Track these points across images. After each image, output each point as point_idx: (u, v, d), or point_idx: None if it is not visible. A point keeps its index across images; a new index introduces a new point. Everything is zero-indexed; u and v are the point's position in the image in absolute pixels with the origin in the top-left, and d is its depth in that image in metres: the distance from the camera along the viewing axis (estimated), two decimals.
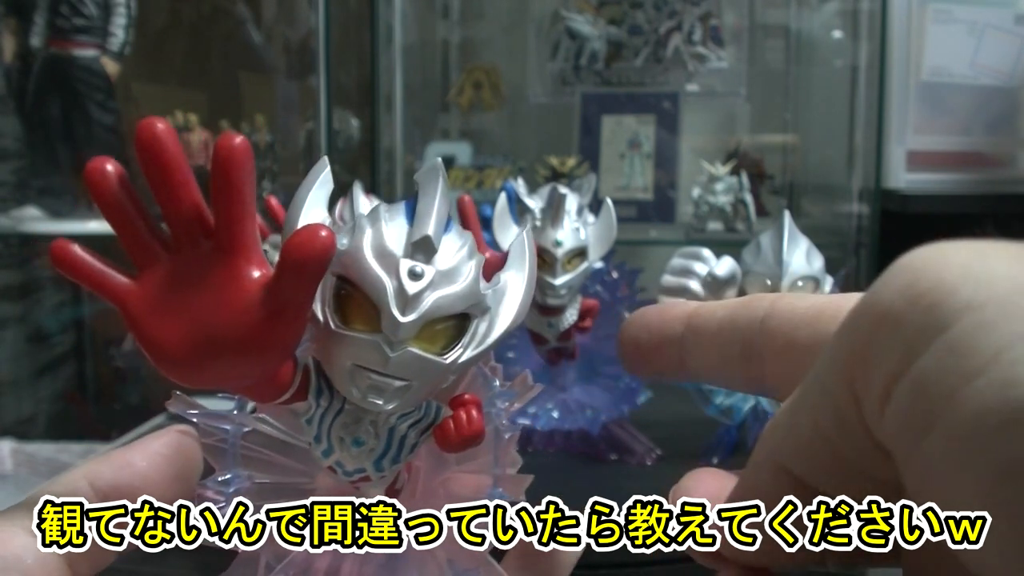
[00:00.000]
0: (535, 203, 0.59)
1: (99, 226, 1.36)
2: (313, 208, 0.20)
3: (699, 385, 0.61)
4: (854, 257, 1.29)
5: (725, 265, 0.56)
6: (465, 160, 1.50)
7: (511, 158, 1.49)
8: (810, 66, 1.52)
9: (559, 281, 0.57)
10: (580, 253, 0.58)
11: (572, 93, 1.47)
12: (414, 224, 0.19)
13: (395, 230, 0.19)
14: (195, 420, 0.22)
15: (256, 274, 0.18)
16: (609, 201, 0.60)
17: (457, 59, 1.62)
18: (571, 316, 0.61)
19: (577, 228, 0.58)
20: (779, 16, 1.52)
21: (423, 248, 0.19)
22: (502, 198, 0.60)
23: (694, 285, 0.56)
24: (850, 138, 1.32)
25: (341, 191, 0.78)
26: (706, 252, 0.57)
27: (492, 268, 0.61)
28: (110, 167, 0.18)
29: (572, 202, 0.59)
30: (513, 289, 0.21)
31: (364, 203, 0.66)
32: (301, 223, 0.19)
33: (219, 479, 0.22)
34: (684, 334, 0.23)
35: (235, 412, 0.22)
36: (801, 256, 0.56)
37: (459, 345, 0.20)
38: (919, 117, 1.25)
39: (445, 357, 0.20)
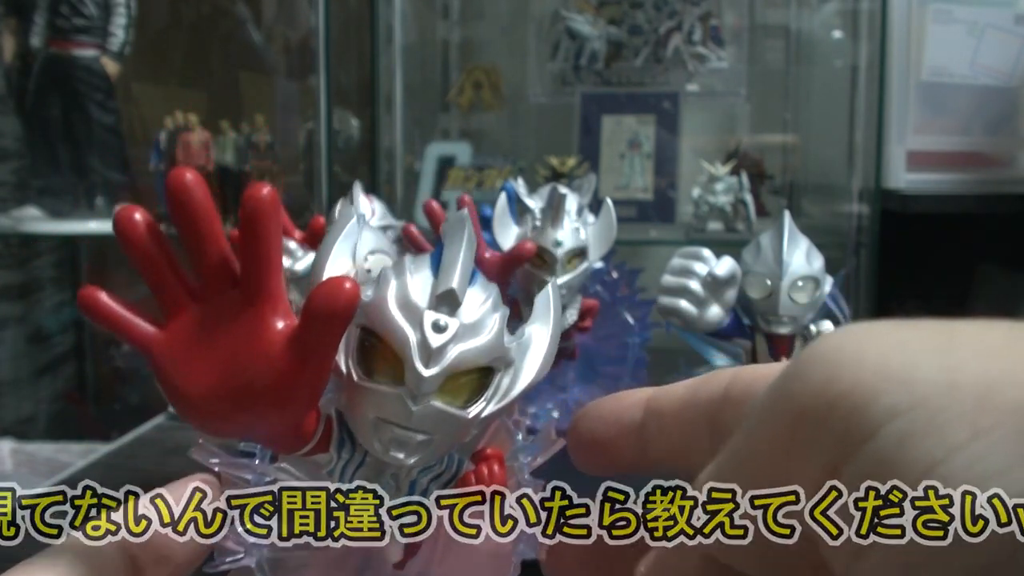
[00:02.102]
0: (535, 203, 0.59)
1: (99, 226, 1.36)
2: (339, 258, 0.21)
3: None
4: (854, 257, 1.29)
5: (725, 265, 0.56)
6: (465, 160, 1.50)
7: (511, 158, 1.49)
8: (810, 66, 1.52)
9: (559, 281, 0.57)
10: (580, 253, 0.58)
11: (572, 93, 1.47)
12: (439, 276, 0.19)
13: (420, 282, 0.19)
14: (217, 469, 0.21)
15: (281, 324, 0.18)
16: (609, 201, 0.60)
17: (457, 59, 1.62)
18: (571, 316, 0.61)
19: (577, 228, 0.58)
20: (779, 16, 1.52)
21: (448, 301, 0.19)
22: (502, 198, 0.59)
23: (694, 285, 0.56)
24: (850, 138, 1.32)
25: (341, 191, 0.77)
26: (706, 252, 0.57)
27: (493, 268, 0.60)
28: (138, 215, 0.18)
29: (572, 202, 0.59)
30: (538, 342, 0.21)
31: (364, 203, 0.66)
32: (326, 273, 0.20)
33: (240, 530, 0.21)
34: (644, 419, 0.22)
35: (256, 461, 0.22)
36: (801, 256, 0.56)
37: (482, 399, 0.20)
38: (919, 117, 1.25)
39: (468, 411, 0.20)
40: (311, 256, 0.58)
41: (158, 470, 0.85)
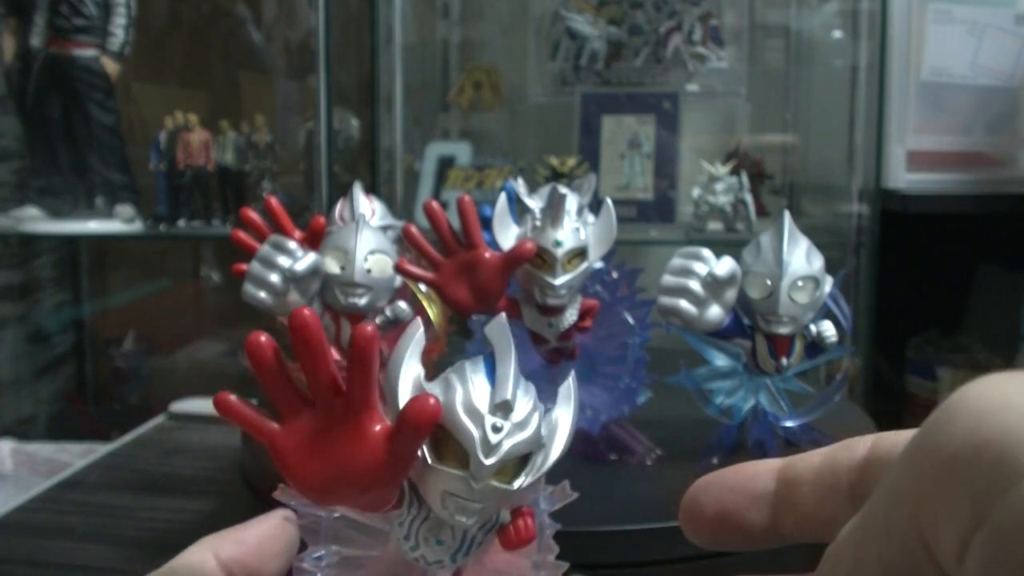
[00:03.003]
0: (535, 203, 0.59)
1: (99, 226, 1.36)
2: (411, 365, 0.26)
3: (699, 385, 0.61)
4: (854, 257, 1.29)
5: (725, 265, 0.56)
6: (465, 160, 1.50)
7: (511, 158, 1.49)
8: (810, 66, 1.52)
9: (559, 281, 0.57)
10: (580, 253, 0.58)
11: (572, 93, 1.47)
12: (495, 387, 0.25)
13: (480, 390, 0.25)
14: (295, 507, 0.27)
15: (378, 428, 0.24)
16: (609, 201, 0.60)
17: (457, 59, 1.63)
18: (571, 316, 0.61)
19: (577, 228, 0.58)
20: (779, 16, 1.52)
21: (503, 408, 0.25)
22: (502, 198, 0.59)
23: (694, 285, 0.56)
24: (850, 138, 1.32)
25: (341, 191, 0.77)
26: (706, 252, 0.57)
27: (493, 268, 0.60)
28: (263, 339, 0.24)
29: (572, 202, 0.59)
30: (563, 425, 0.28)
31: (364, 203, 0.65)
32: (402, 376, 0.26)
33: (313, 555, 0.27)
34: (778, 488, 0.22)
35: None
36: (801, 256, 0.56)
37: (523, 474, 0.26)
38: (919, 117, 1.25)
39: (513, 485, 0.26)
40: (310, 256, 0.58)
41: (158, 470, 0.85)
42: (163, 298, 1.75)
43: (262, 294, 0.56)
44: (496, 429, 0.25)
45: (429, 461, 0.25)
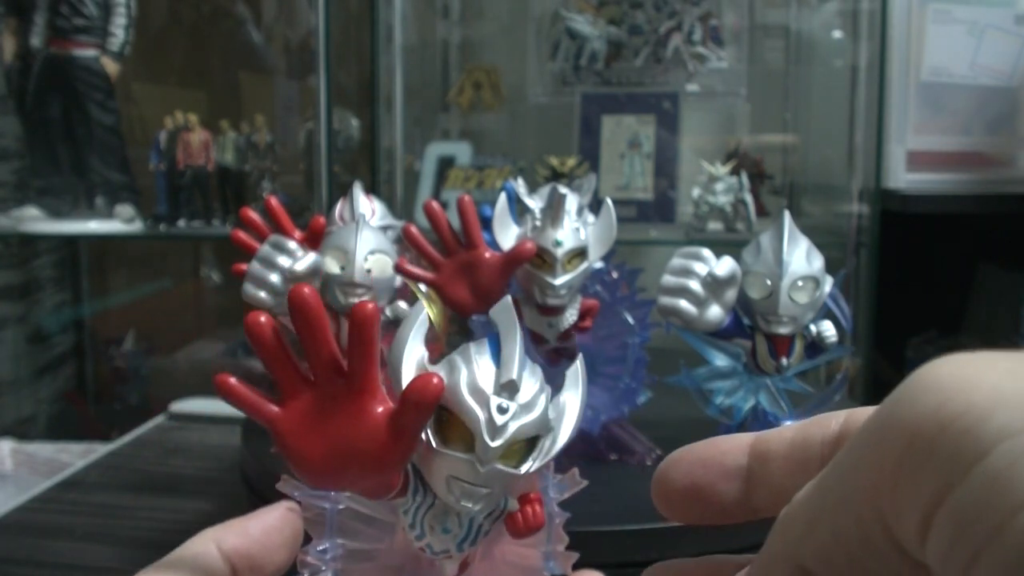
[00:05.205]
0: (535, 203, 0.59)
1: (99, 226, 1.36)
2: (414, 349, 0.25)
3: (699, 385, 0.61)
4: (854, 257, 1.29)
5: (725, 265, 0.56)
6: (465, 160, 1.50)
7: (511, 158, 1.49)
8: (810, 66, 1.52)
9: (559, 281, 0.57)
10: (580, 253, 0.58)
11: (572, 93, 1.47)
12: (501, 368, 0.24)
13: (485, 371, 0.24)
14: (298, 498, 0.26)
15: (381, 408, 0.23)
16: (609, 201, 0.60)
17: (457, 59, 1.63)
18: (571, 316, 0.61)
19: (577, 228, 0.58)
20: (779, 16, 1.52)
21: (509, 389, 0.24)
22: (502, 198, 0.59)
23: (694, 285, 0.56)
24: (850, 138, 1.32)
25: (341, 191, 0.77)
26: (706, 252, 0.57)
27: (494, 268, 0.60)
28: (263, 319, 0.24)
29: (572, 202, 0.59)
30: (570, 409, 0.27)
31: (364, 203, 0.66)
32: (404, 362, 0.25)
33: (318, 548, 0.26)
34: (749, 463, 0.22)
35: (332, 493, 0.27)
36: (801, 256, 0.56)
37: (531, 458, 0.25)
38: (919, 117, 1.25)
39: (520, 469, 0.25)
40: (310, 256, 0.58)
41: (158, 470, 0.85)
42: (163, 298, 1.75)
43: (262, 294, 0.56)
44: (502, 410, 0.24)
45: (434, 445, 0.24)
